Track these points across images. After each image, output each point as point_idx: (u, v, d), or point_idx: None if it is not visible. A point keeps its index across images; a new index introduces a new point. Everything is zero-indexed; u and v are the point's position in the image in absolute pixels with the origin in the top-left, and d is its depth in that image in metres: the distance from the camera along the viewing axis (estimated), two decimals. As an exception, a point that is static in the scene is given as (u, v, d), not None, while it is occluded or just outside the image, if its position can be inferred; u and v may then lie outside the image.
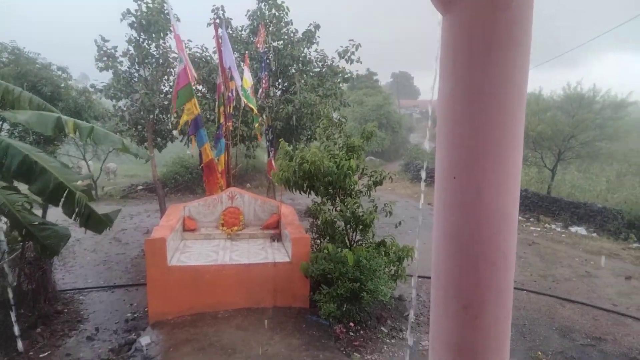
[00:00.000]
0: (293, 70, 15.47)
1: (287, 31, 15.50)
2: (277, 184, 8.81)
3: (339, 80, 15.95)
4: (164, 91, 13.90)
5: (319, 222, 8.75)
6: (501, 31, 1.67)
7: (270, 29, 15.08)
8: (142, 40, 12.99)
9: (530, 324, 8.47)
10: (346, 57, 15.42)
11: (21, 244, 7.58)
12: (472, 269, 1.91)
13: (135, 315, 8.30)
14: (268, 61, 14.19)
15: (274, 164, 12.00)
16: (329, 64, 15.88)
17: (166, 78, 13.90)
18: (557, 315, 8.94)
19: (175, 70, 13.25)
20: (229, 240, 9.27)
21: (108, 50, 13.12)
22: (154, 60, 13.43)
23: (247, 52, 13.64)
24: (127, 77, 13.50)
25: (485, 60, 1.71)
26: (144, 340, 6.78)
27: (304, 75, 15.44)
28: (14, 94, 7.30)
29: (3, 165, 6.06)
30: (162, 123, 14.22)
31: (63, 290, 9.29)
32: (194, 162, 21.62)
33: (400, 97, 61.03)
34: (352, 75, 16.36)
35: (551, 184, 19.88)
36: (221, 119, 11.25)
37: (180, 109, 10.39)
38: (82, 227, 6.55)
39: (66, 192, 6.22)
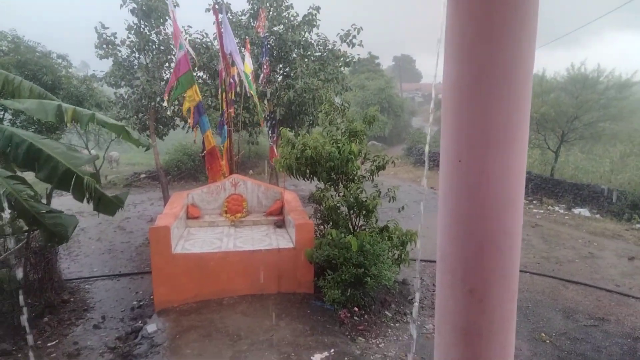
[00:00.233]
0: (294, 55, 15.31)
1: (288, 15, 15.30)
2: (280, 171, 8.79)
3: (340, 64, 15.78)
4: (165, 78, 13.81)
5: (322, 208, 8.75)
6: (508, 11, 1.63)
7: (270, 13, 14.90)
8: (143, 27, 12.87)
9: (534, 306, 8.51)
10: (348, 40, 15.25)
11: (26, 234, 7.61)
12: (478, 252, 1.90)
13: (141, 303, 8.37)
14: (269, 46, 14.05)
15: (275, 151, 11.97)
16: (330, 47, 15.71)
17: (167, 65, 13.80)
18: (561, 297, 8.98)
19: (175, 57, 13.17)
20: (233, 227, 9.29)
21: (108, 38, 13.01)
22: (154, 47, 13.32)
23: (247, 37, 13.50)
24: (128, 65, 13.42)
25: (492, 41, 1.67)
26: (151, 327, 6.85)
27: (305, 60, 15.29)
28: (14, 83, 7.27)
29: (8, 154, 6.07)
30: (163, 110, 14.16)
31: (69, 279, 9.37)
32: (196, 150, 21.59)
33: (402, 81, 60.53)
34: (354, 59, 16.19)
35: (554, 166, 19.81)
36: (223, 106, 11.18)
37: (181, 96, 10.33)
38: (94, 210, 6.62)
39: (74, 177, 6.26)
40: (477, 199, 1.81)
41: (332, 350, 6.24)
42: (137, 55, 13.50)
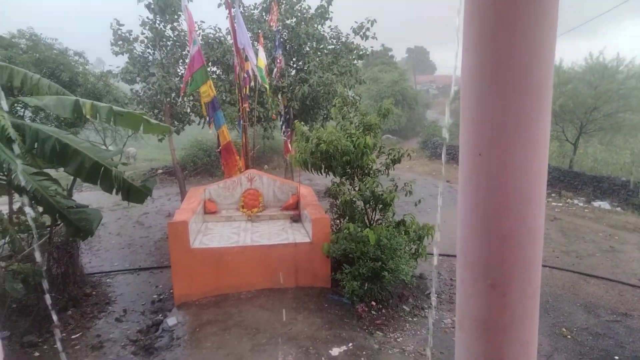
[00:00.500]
0: (307, 49, 15.28)
1: (300, 8, 15.26)
2: (295, 166, 8.81)
3: (353, 57, 15.71)
4: (179, 74, 13.92)
5: (338, 202, 8.75)
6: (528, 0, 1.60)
7: (282, 6, 14.87)
8: (158, 22, 12.97)
9: (554, 301, 8.41)
10: (361, 33, 15.16)
11: (49, 229, 7.77)
12: (499, 247, 1.89)
13: (161, 297, 8.50)
14: (282, 40, 14.04)
15: (290, 145, 12.00)
16: (343, 40, 15.64)
17: (182, 61, 13.89)
18: (581, 292, 8.86)
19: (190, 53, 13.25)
20: (250, 222, 9.36)
21: (123, 34, 13.14)
22: (169, 42, 13.42)
23: (260, 31, 13.51)
24: (143, 61, 13.54)
25: (512, 31, 1.64)
26: (171, 321, 6.96)
27: (319, 53, 15.24)
28: (32, 81, 7.42)
29: (34, 151, 6.22)
30: (178, 106, 14.28)
31: (91, 273, 9.55)
32: (211, 145, 21.75)
33: (416, 73, 60.08)
34: (367, 52, 16.09)
35: (573, 158, 19.48)
36: (239, 101, 11.24)
37: (197, 92, 10.40)
38: (124, 199, 6.84)
39: (102, 169, 6.42)
40: (498, 193, 1.79)
41: (350, 344, 6.26)
42: (152, 51, 13.62)
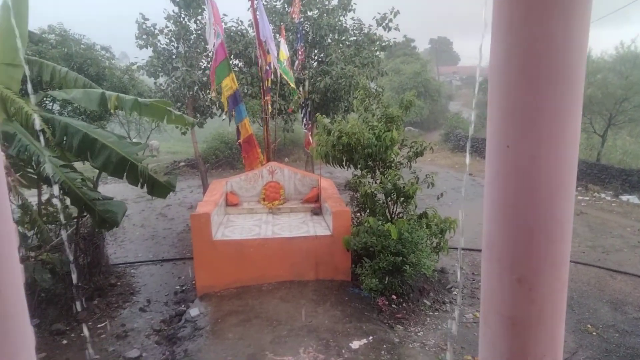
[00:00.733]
0: (329, 40, 15.19)
1: (322, -1, 15.18)
2: (316, 159, 8.80)
3: (376, 48, 15.55)
4: (202, 67, 14.04)
5: (359, 195, 8.72)
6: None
7: (305, -2, 14.81)
8: (182, 15, 13.10)
9: (579, 297, 8.24)
10: (384, 24, 14.98)
11: (75, 220, 7.97)
12: (527, 241, 1.84)
13: (184, 288, 8.65)
14: (304, 32, 13.98)
15: (311, 138, 11.99)
16: (365, 32, 15.49)
17: (205, 54, 14.01)
18: (608, 288, 8.65)
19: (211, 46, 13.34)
20: (271, 214, 9.41)
21: (148, 28, 13.32)
22: (192, 36, 13.54)
23: (282, 23, 13.49)
24: (167, 54, 13.70)
25: (543, 18, 1.58)
26: (193, 311, 7.07)
27: (340, 45, 15.14)
28: (60, 75, 7.62)
29: (63, 144, 6.39)
30: (201, 99, 14.42)
31: (115, 264, 9.78)
32: (233, 138, 21.89)
33: (439, 64, 59.14)
34: (390, 44, 15.91)
35: (601, 151, 18.96)
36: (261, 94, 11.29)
37: (219, 85, 10.46)
38: (148, 194, 7.00)
39: (128, 164, 6.57)
40: (526, 186, 1.75)
41: (371, 337, 6.26)
42: (176, 44, 13.77)
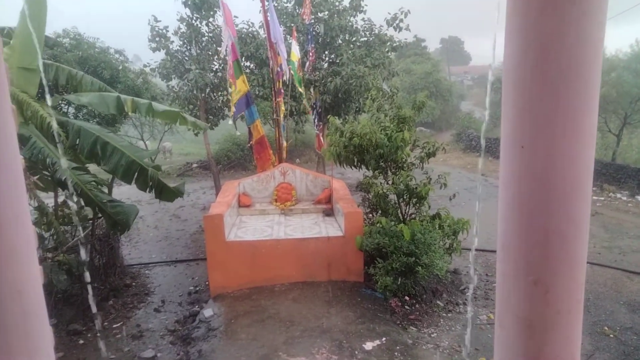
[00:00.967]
0: (340, 41, 15.20)
1: (333, 0, 15.18)
2: (328, 159, 8.80)
3: (387, 49, 15.52)
4: (213, 69, 14.14)
5: (370, 196, 8.70)
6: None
7: (315, -1, 14.84)
8: (194, 18, 13.21)
9: (595, 298, 8.12)
10: (394, 24, 14.94)
11: (91, 222, 8.08)
12: (543, 242, 1.81)
13: (197, 289, 8.71)
14: (314, 33, 14.01)
15: (322, 139, 12.00)
16: (376, 32, 15.46)
17: (216, 56, 14.11)
18: (625, 289, 8.51)
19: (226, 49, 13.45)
20: (283, 216, 9.43)
21: (160, 31, 13.46)
22: (204, 38, 13.65)
23: (293, 25, 13.53)
24: (179, 57, 13.83)
25: (559, 15, 1.56)
26: (207, 312, 7.12)
27: (351, 46, 15.14)
28: (76, 79, 7.73)
29: (76, 147, 6.49)
30: (213, 101, 14.52)
31: (130, 265, 9.89)
32: (245, 139, 22.02)
33: (450, 64, 58.82)
34: (401, 44, 15.87)
35: (616, 150, 18.71)
36: (273, 95, 11.33)
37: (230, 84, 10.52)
38: (157, 198, 7.07)
39: (138, 169, 6.64)
40: (542, 187, 1.73)
41: (384, 338, 6.24)
42: (188, 47, 13.89)
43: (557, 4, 1.52)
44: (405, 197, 8.15)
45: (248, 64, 14.93)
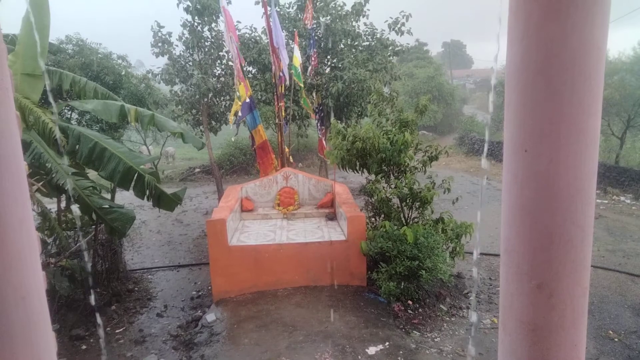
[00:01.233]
0: (342, 46, 15.23)
1: (335, 5, 15.23)
2: (332, 163, 8.81)
3: (389, 53, 15.54)
4: (216, 74, 14.19)
5: (373, 200, 8.69)
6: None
7: (317, 4, 14.87)
8: (196, 24, 13.27)
9: (599, 302, 8.08)
10: (396, 28, 14.96)
11: (93, 227, 8.09)
12: (546, 246, 1.81)
13: (200, 293, 8.70)
14: (316, 37, 14.04)
15: (324, 143, 12.01)
16: (378, 36, 15.49)
17: (219, 61, 14.17)
18: (629, 293, 8.46)
19: (227, 54, 13.51)
20: (285, 220, 9.43)
21: (163, 36, 13.52)
22: (207, 43, 13.70)
23: (295, 30, 13.57)
24: (182, 62, 13.88)
25: (562, 19, 1.56)
26: (210, 317, 7.10)
27: (353, 50, 15.17)
28: (80, 85, 7.75)
29: (76, 152, 6.50)
30: (216, 106, 14.57)
31: (133, 269, 9.89)
32: (247, 144, 22.05)
33: (453, 67, 58.79)
34: (403, 48, 15.88)
35: (620, 153, 18.65)
36: (275, 100, 11.37)
37: (232, 91, 10.57)
38: (155, 206, 7.01)
39: (135, 175, 6.62)
40: (545, 190, 1.72)
41: (387, 343, 6.21)
42: (191, 52, 13.94)
43: (560, 8, 1.52)
44: (408, 201, 8.14)
45: (250, 68, 14.97)
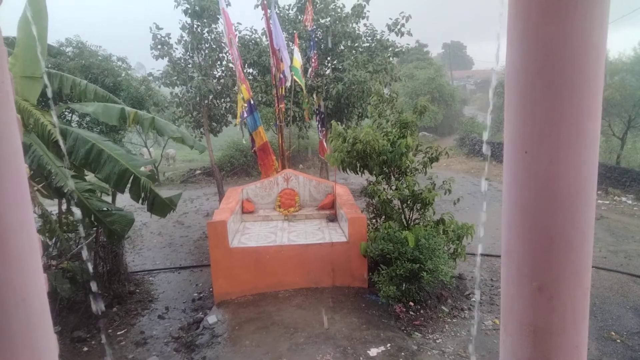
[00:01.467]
0: (342, 47, 15.25)
1: (335, 7, 15.24)
2: (332, 165, 8.81)
3: (389, 54, 15.55)
4: (216, 76, 14.20)
5: (374, 202, 8.69)
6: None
7: (317, 6, 14.89)
8: (195, 26, 13.28)
9: (601, 303, 8.06)
10: (396, 29, 14.97)
11: (95, 229, 8.09)
12: (547, 248, 1.80)
13: (201, 295, 8.69)
14: (316, 39, 14.06)
15: (325, 145, 12.01)
16: (378, 38, 15.50)
17: (219, 63, 14.17)
18: (631, 294, 8.44)
19: (227, 56, 13.52)
20: (286, 221, 9.43)
21: (162, 38, 13.52)
22: (207, 45, 13.71)
23: (295, 31, 13.59)
24: (182, 64, 13.89)
25: (561, 20, 1.56)
26: (211, 319, 7.10)
27: (353, 52, 15.18)
28: (80, 87, 7.76)
29: (73, 155, 6.50)
30: (216, 108, 14.58)
31: (134, 271, 9.89)
32: (248, 145, 22.08)
33: (453, 68, 58.81)
34: (403, 49, 15.90)
35: (620, 154, 18.64)
36: (275, 102, 11.38)
37: (233, 93, 10.60)
38: (148, 211, 6.94)
39: (131, 178, 6.59)
40: (545, 192, 1.72)
41: (389, 344, 6.20)
42: (191, 54, 13.96)
43: (559, 8, 1.52)
44: (409, 203, 8.14)
45: (251, 70, 14.99)
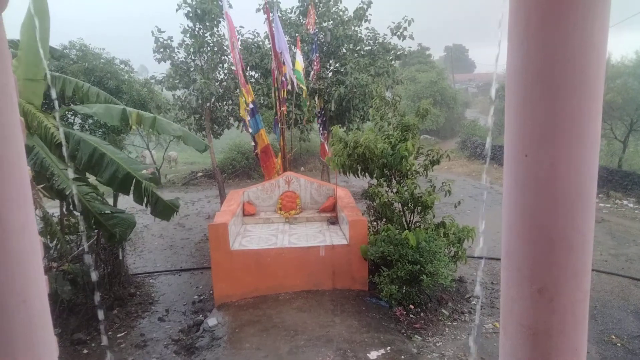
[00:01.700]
0: (344, 50, 15.28)
1: (337, 10, 15.29)
2: (333, 169, 8.82)
3: (391, 57, 15.58)
4: (219, 79, 14.23)
5: (375, 205, 8.69)
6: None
7: (319, 9, 14.93)
8: (197, 29, 13.32)
9: (602, 306, 8.04)
10: (398, 33, 15.00)
11: (96, 231, 8.10)
12: (547, 250, 1.81)
13: (202, 298, 8.70)
14: (319, 42, 14.09)
15: (327, 147, 12.03)
16: (380, 41, 15.54)
17: (221, 66, 14.20)
18: (632, 297, 8.42)
19: (229, 58, 13.55)
20: (287, 224, 9.43)
21: (164, 41, 13.56)
22: (208, 48, 13.75)
23: (298, 34, 13.62)
24: (184, 67, 13.93)
25: (561, 24, 1.56)
26: (211, 321, 7.10)
27: (355, 55, 15.21)
28: (83, 90, 7.80)
29: (76, 158, 6.52)
30: (218, 110, 14.61)
31: (135, 274, 9.89)
32: (249, 148, 22.10)
33: (455, 71, 58.86)
34: (405, 52, 15.92)
35: (622, 157, 18.62)
36: (277, 105, 11.41)
37: (235, 96, 10.63)
38: (152, 214, 6.97)
39: (134, 181, 6.63)
40: (546, 195, 1.72)
41: (389, 347, 6.19)
42: (193, 57, 14.00)
43: (560, 11, 1.52)
44: (410, 206, 8.14)
45: (253, 73, 15.03)
